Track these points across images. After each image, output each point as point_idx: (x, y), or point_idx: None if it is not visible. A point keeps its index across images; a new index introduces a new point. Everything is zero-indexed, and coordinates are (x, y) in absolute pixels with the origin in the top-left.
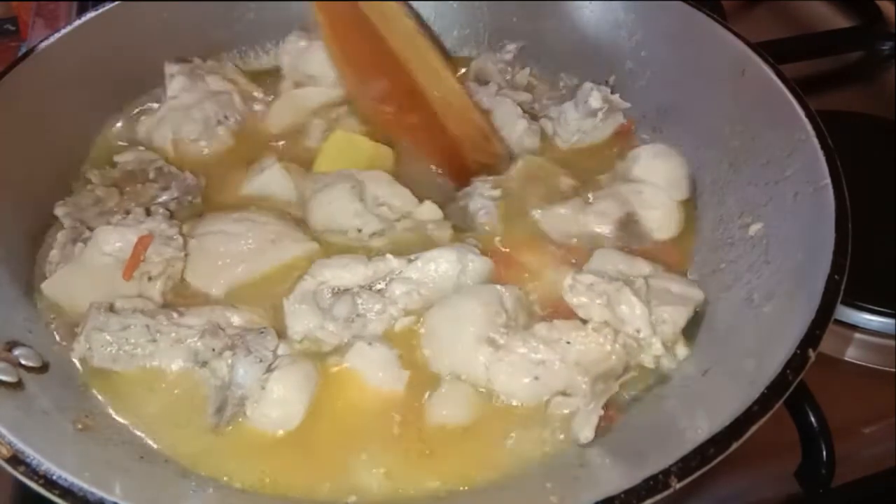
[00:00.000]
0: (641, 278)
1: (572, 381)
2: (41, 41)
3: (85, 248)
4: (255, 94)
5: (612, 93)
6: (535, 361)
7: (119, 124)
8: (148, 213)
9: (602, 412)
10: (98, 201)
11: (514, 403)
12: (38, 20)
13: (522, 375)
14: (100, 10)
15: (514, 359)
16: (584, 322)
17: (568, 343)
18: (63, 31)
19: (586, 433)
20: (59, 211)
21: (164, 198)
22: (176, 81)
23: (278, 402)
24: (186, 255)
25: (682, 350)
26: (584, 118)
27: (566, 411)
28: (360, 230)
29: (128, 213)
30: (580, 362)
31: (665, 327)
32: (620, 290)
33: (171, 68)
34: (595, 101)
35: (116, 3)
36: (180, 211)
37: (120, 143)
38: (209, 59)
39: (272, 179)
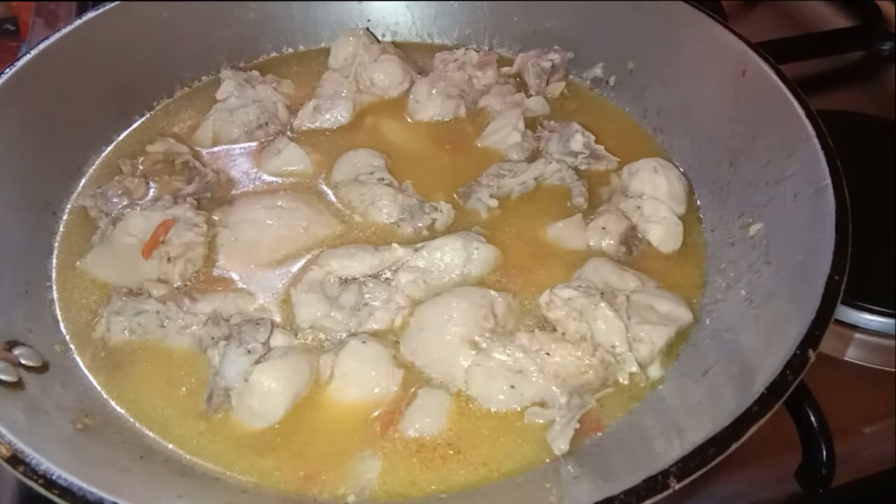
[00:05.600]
0: (624, 294)
1: (548, 393)
2: (41, 41)
3: (114, 230)
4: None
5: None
6: (513, 370)
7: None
8: (175, 201)
9: (577, 426)
10: (126, 192)
11: (491, 409)
12: (38, 20)
13: (499, 383)
14: (100, 10)
15: (492, 365)
16: (564, 335)
17: (547, 354)
18: (63, 31)
19: (560, 445)
20: (87, 202)
21: (186, 190)
22: (226, 85)
23: (259, 394)
24: (213, 243)
25: (656, 370)
26: (564, 155)
27: (541, 421)
28: (372, 172)
29: (157, 199)
30: (558, 374)
31: (641, 346)
32: (597, 305)
33: (225, 73)
34: (576, 144)
35: (116, 3)
36: (203, 201)
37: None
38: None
39: (290, 157)
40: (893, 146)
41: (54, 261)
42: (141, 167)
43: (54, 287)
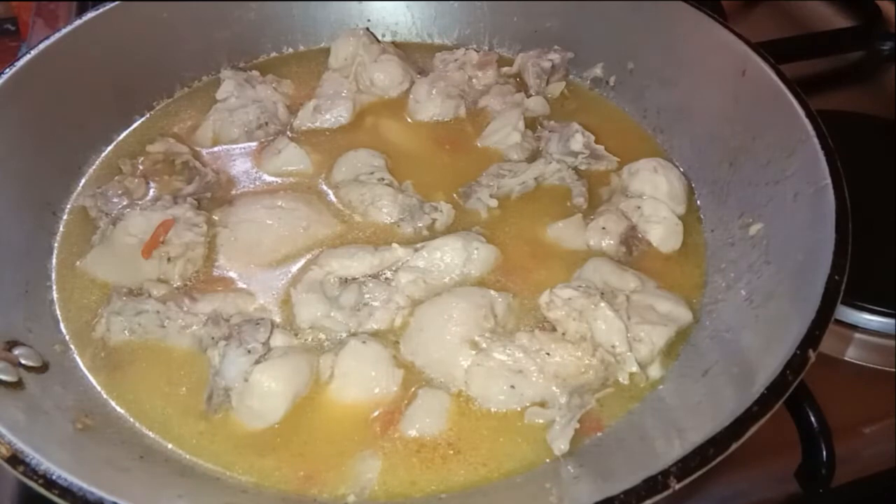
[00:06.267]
0: (624, 294)
1: (549, 393)
2: (41, 41)
3: (114, 230)
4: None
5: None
6: (513, 370)
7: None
8: (175, 201)
9: (577, 426)
10: (126, 192)
11: (491, 409)
12: (38, 20)
13: (499, 383)
14: (100, 10)
15: (492, 365)
16: (564, 335)
17: (547, 354)
18: (63, 31)
19: (560, 445)
20: (87, 202)
21: (186, 190)
22: (226, 85)
23: (259, 394)
24: (213, 243)
25: (656, 370)
26: (564, 155)
27: (541, 421)
28: (372, 172)
29: (157, 199)
30: (558, 374)
31: (641, 346)
32: (597, 305)
33: (225, 73)
34: (576, 144)
35: (116, 3)
36: (203, 201)
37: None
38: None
39: (290, 157)
40: (893, 146)
41: (54, 261)
42: (141, 167)
43: (54, 287)
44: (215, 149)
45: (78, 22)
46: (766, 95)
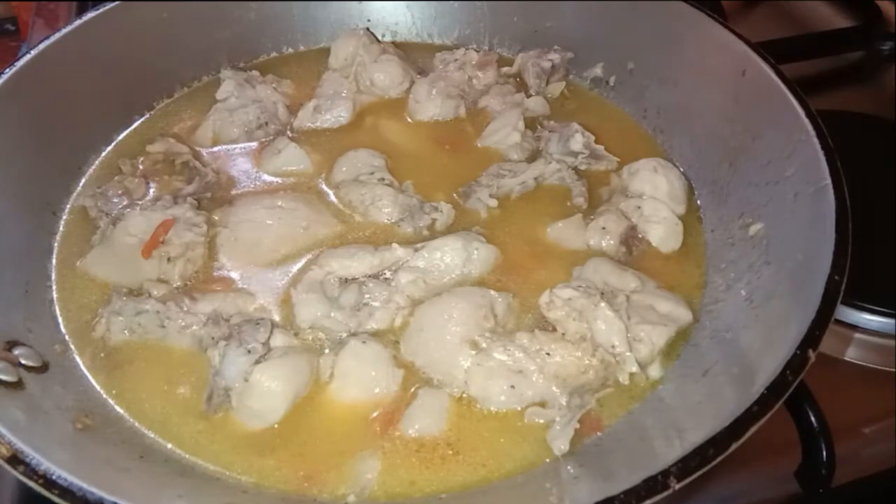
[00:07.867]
0: (624, 294)
1: (549, 394)
2: (41, 41)
3: (114, 230)
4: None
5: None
6: (513, 370)
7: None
8: (175, 201)
9: (577, 426)
10: (126, 192)
11: (491, 409)
12: (38, 20)
13: (499, 383)
14: (100, 10)
15: (492, 365)
16: (564, 335)
17: (548, 354)
18: (63, 31)
19: (560, 445)
20: (87, 202)
21: (186, 190)
22: (226, 85)
23: (259, 394)
24: (213, 243)
25: (656, 370)
26: (564, 155)
27: (541, 421)
28: (372, 172)
29: (157, 199)
30: (558, 374)
31: (641, 346)
32: (597, 305)
33: (225, 73)
34: (575, 144)
35: (116, 3)
36: (203, 201)
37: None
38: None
39: (290, 157)
40: (893, 146)
41: (54, 261)
42: (141, 167)
43: (54, 287)
44: (215, 149)
45: (78, 22)
46: (766, 95)
